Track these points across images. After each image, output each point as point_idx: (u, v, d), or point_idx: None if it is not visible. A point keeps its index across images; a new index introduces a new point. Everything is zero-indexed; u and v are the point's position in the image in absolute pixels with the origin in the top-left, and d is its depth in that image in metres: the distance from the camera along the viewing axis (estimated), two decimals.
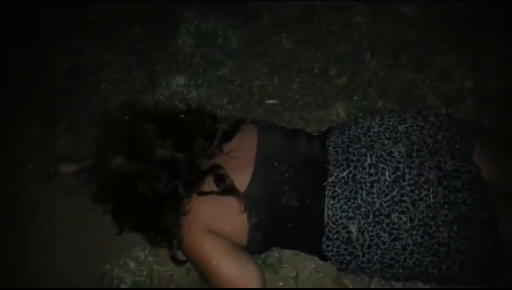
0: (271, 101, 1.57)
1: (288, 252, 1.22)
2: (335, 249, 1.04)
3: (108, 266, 1.26)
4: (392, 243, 0.99)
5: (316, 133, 1.22)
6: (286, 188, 1.05)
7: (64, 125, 1.57)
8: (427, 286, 1.12)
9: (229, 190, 1.04)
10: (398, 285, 1.14)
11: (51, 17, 1.83)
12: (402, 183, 1.00)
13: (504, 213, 0.99)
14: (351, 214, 1.01)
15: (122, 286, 1.22)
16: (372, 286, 1.15)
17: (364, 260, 1.02)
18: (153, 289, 1.22)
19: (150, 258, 1.26)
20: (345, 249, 1.03)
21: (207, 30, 1.77)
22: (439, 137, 1.07)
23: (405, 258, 1.00)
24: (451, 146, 1.05)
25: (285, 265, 1.21)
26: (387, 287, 1.14)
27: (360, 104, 1.52)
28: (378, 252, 1.00)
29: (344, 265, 1.06)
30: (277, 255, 1.22)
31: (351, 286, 1.16)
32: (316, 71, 1.62)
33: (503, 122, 1.40)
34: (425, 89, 1.53)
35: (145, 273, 1.24)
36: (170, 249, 1.12)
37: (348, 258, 1.04)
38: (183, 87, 1.61)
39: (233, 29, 1.75)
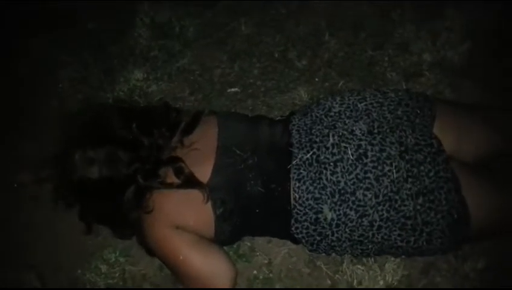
0: (233, 90, 1.55)
1: (259, 240, 1.23)
2: (304, 231, 1.05)
3: (79, 271, 1.24)
4: (359, 220, 1.00)
5: (279, 118, 1.21)
6: (250, 175, 1.05)
7: (24, 128, 1.52)
8: (398, 260, 1.15)
9: (189, 182, 1.03)
10: (370, 260, 1.16)
11: None
12: (365, 161, 1.01)
13: (467, 183, 1.01)
14: (317, 195, 1.02)
15: None
16: (345, 265, 1.16)
17: (334, 239, 1.04)
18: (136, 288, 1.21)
19: (121, 259, 1.24)
20: (314, 230, 1.04)
21: (162, 21, 1.72)
22: (399, 112, 1.08)
23: (373, 234, 1.01)
24: (411, 120, 1.07)
25: (257, 253, 1.22)
26: (359, 265, 1.15)
27: (321, 86, 1.52)
28: (347, 230, 1.02)
29: (315, 245, 1.07)
30: (249, 244, 1.22)
31: (324, 268, 1.18)
32: (276, 55, 1.61)
33: (464, 93, 1.43)
34: (385, 65, 1.54)
35: (117, 274, 1.23)
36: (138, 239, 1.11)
37: (318, 238, 1.05)
38: (142, 81, 1.57)
39: (189, 17, 1.71)
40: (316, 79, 1.53)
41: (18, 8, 1.78)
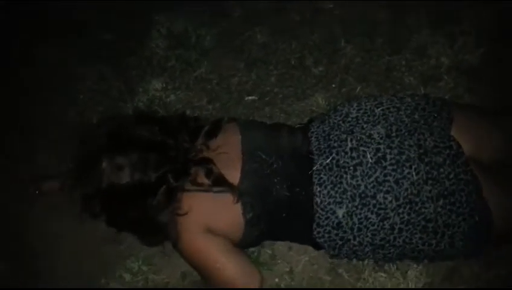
0: (250, 98, 1.56)
1: (280, 248, 1.23)
2: (326, 235, 1.05)
3: (103, 280, 1.26)
4: (381, 223, 1.01)
5: (298, 126, 1.23)
6: (275, 180, 1.06)
7: (42, 140, 1.54)
8: (420, 267, 1.14)
9: (220, 183, 1.04)
10: (392, 268, 1.15)
11: (12, 21, 1.78)
12: (384, 164, 1.02)
13: (487, 185, 1.01)
14: (338, 199, 1.03)
15: None
16: (367, 273, 1.16)
17: (356, 243, 1.04)
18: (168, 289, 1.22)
19: (144, 268, 1.26)
20: (336, 235, 1.04)
21: (179, 31, 1.74)
22: (416, 116, 1.09)
23: (394, 238, 1.02)
24: (429, 124, 1.08)
25: (279, 261, 1.23)
26: (382, 273, 1.15)
27: (339, 92, 1.52)
28: (368, 234, 1.02)
29: (337, 250, 1.08)
30: (269, 251, 1.23)
31: (346, 276, 1.18)
32: (293, 62, 1.61)
33: (482, 97, 1.42)
34: (402, 69, 1.53)
35: (140, 283, 1.25)
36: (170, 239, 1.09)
37: (340, 243, 1.06)
38: (161, 91, 1.59)
39: (205, 27, 1.73)
40: (333, 85, 1.54)
41: (34, 18, 1.80)
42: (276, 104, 1.53)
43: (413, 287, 1.12)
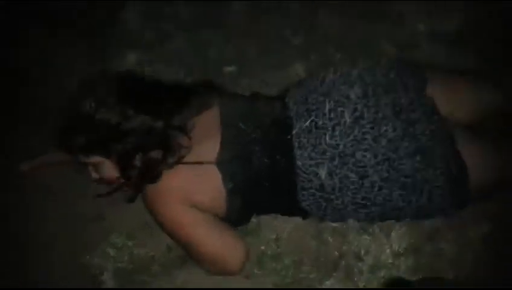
0: (229, 68, 1.54)
1: (266, 217, 1.23)
2: (311, 198, 1.07)
3: (88, 257, 1.24)
4: (360, 181, 1.03)
5: (276, 94, 1.23)
6: (255, 148, 1.07)
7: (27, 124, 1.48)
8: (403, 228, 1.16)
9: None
10: (376, 229, 1.17)
11: None
12: (362, 122, 1.03)
13: (463, 140, 1.04)
14: (319, 160, 1.04)
15: (105, 274, 1.21)
16: (351, 236, 1.17)
17: (339, 202, 1.06)
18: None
19: (129, 243, 1.24)
20: (320, 197, 1.06)
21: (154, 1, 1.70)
22: (391, 76, 1.11)
23: (375, 196, 1.04)
24: (404, 83, 1.10)
25: (264, 229, 1.22)
26: (365, 235, 1.17)
27: (319, 61, 1.52)
28: (349, 193, 1.04)
29: (322, 211, 1.10)
30: (255, 220, 1.23)
31: (331, 240, 1.19)
32: (271, 33, 1.60)
33: (459, 65, 1.43)
34: (380, 37, 1.53)
35: (126, 258, 1.22)
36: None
37: (324, 204, 1.07)
38: (136, 65, 1.55)
39: None
40: (312, 57, 1.53)
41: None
42: (256, 75, 1.52)
43: (397, 247, 1.14)
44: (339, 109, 1.05)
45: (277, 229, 1.22)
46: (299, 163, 1.05)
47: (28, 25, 1.66)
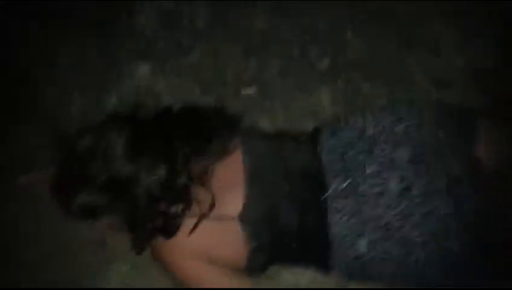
0: (248, 90, 1.43)
1: None
2: (343, 266, 0.97)
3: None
4: (404, 257, 0.93)
5: (304, 137, 1.09)
6: (284, 205, 0.96)
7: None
8: None
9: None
10: None
11: None
12: (410, 195, 0.92)
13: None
14: (358, 231, 0.93)
15: None
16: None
17: (375, 272, 0.96)
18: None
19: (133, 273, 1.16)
20: (355, 266, 0.96)
21: (169, 9, 1.57)
22: (440, 135, 0.98)
23: (417, 272, 0.94)
24: (451, 145, 0.97)
25: (284, 274, 1.13)
26: None
27: (344, 89, 1.41)
28: (388, 266, 0.94)
29: (353, 276, 1.01)
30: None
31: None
32: (295, 53, 1.48)
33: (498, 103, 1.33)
34: (413, 67, 1.42)
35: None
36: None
37: (359, 272, 0.97)
38: (148, 78, 1.44)
39: (199, 7, 1.56)
40: (339, 82, 1.42)
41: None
42: (277, 97, 1.40)
43: None
44: (383, 175, 0.93)
45: (297, 275, 1.13)
46: (334, 230, 0.93)
47: (28, 25, 1.54)
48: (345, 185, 0.94)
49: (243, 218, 0.93)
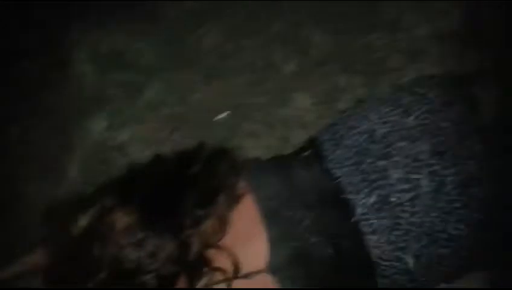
0: (221, 115, 1.30)
1: None
2: (392, 282, 0.87)
3: None
4: (455, 254, 0.85)
5: (306, 153, 0.96)
6: (313, 239, 0.83)
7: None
8: None
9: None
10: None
11: None
12: (446, 190, 0.82)
13: None
14: (401, 244, 0.83)
15: None
16: None
17: (424, 279, 0.87)
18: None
19: None
20: (404, 279, 0.86)
21: (107, 49, 1.41)
22: (452, 115, 0.89)
23: (470, 264, 0.88)
24: (467, 121, 0.89)
25: None
26: None
27: (322, 88, 1.31)
28: (441, 268, 0.86)
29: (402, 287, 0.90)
30: None
31: None
32: (259, 63, 1.37)
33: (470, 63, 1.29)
34: (384, 49, 1.35)
35: None
36: None
37: (409, 285, 0.87)
38: (107, 131, 1.27)
39: (140, 38, 1.41)
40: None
41: None
42: (253, 116, 1.29)
43: None
44: (411, 177, 0.83)
45: None
46: (376, 251, 0.83)
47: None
48: (372, 199, 0.84)
49: (272, 266, 0.80)
